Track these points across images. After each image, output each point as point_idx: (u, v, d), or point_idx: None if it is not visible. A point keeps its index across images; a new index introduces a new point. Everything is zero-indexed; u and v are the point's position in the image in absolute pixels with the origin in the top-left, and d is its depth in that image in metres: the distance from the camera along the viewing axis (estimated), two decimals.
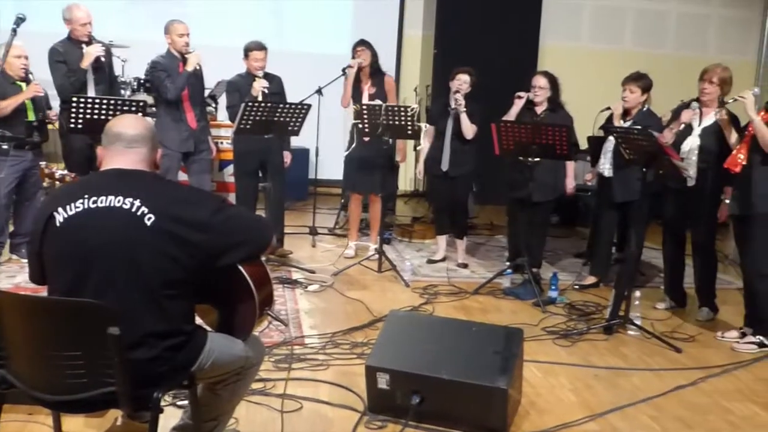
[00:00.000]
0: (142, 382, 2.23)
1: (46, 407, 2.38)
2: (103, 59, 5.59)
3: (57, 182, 3.44)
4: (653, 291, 5.61)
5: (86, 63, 5.44)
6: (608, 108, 5.38)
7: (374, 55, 6.14)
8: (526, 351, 3.64)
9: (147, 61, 5.86)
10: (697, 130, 4.88)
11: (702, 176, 4.80)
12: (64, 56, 5.44)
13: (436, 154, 5.94)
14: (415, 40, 9.45)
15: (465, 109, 5.72)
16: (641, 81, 5.34)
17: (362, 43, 6.18)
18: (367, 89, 6.14)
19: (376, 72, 6.17)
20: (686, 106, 4.93)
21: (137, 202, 2.27)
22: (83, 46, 5.49)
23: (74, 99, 4.90)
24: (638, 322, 4.73)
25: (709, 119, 4.83)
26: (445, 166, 5.89)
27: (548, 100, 5.61)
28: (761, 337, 4.53)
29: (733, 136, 4.59)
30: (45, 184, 4.97)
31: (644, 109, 5.37)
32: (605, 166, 5.45)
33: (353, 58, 6.13)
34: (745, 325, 4.69)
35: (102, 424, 3.06)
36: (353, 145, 6.17)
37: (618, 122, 5.29)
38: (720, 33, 9.92)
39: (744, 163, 4.39)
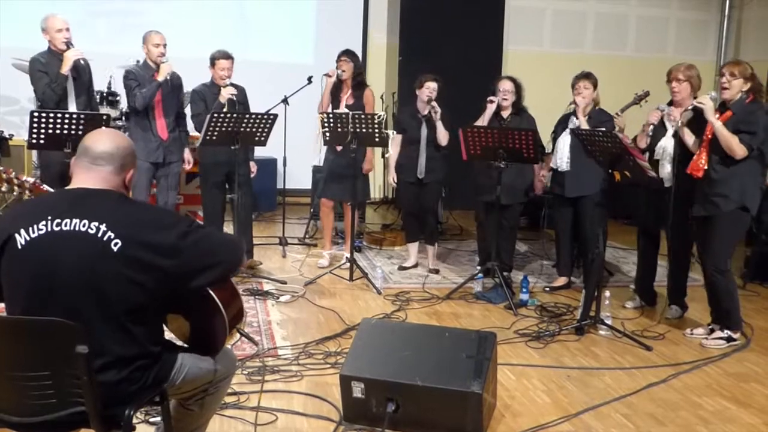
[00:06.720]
0: (112, 401, 2.20)
1: (12, 429, 2.32)
2: (82, 62, 5.52)
3: (16, 188, 3.23)
4: (622, 290, 5.67)
5: (66, 67, 5.36)
6: (574, 103, 5.46)
7: (357, 68, 6.11)
8: (499, 354, 3.66)
9: (107, 74, 5.79)
10: (670, 131, 4.90)
11: (677, 176, 4.78)
12: (46, 67, 5.38)
13: (408, 162, 5.95)
14: (380, 47, 9.47)
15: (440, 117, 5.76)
16: (592, 78, 5.47)
17: (345, 53, 6.12)
18: (345, 99, 6.08)
19: (358, 85, 6.11)
20: (639, 100, 5.00)
21: (103, 227, 2.18)
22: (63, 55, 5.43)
23: (35, 114, 4.82)
24: (609, 322, 4.77)
25: (683, 118, 4.80)
26: (421, 173, 5.91)
27: (512, 105, 5.68)
28: (729, 332, 4.60)
29: (690, 139, 4.66)
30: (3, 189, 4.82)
31: (596, 107, 5.49)
32: (563, 161, 5.51)
33: (336, 68, 6.07)
34: (712, 321, 4.76)
35: None
36: (325, 154, 6.14)
37: (583, 117, 5.36)
38: (678, 35, 10.11)
39: (705, 167, 4.45)
